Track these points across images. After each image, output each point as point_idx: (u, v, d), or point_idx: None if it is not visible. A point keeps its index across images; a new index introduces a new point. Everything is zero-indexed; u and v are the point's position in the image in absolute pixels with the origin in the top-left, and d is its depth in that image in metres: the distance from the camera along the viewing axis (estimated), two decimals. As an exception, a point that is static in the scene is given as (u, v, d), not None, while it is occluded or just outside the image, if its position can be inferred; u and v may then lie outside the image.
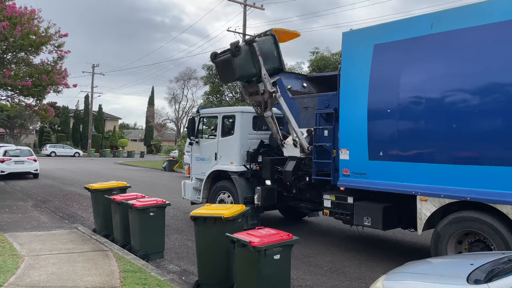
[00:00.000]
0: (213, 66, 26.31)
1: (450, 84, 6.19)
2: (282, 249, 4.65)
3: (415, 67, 6.56)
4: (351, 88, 7.39)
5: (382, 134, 6.92)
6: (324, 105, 8.26)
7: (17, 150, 22.25)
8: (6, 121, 53.22)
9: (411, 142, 6.54)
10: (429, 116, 6.33)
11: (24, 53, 14.62)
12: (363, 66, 7.11)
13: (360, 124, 7.13)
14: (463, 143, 5.97)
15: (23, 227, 8.96)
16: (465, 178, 5.90)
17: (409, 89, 6.60)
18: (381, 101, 6.92)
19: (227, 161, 9.61)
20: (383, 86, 6.90)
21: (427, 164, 6.32)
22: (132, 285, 5.35)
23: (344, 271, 6.76)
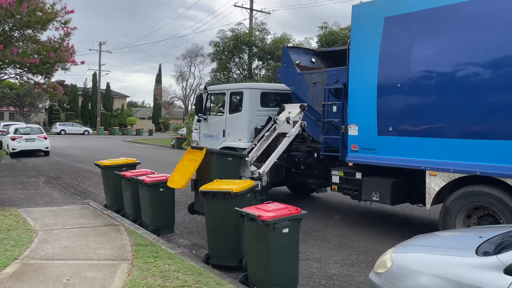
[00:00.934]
0: (219, 43, 26.09)
1: (461, 57, 6.10)
2: (291, 223, 4.69)
3: (426, 40, 6.43)
4: (361, 62, 7.30)
5: (392, 109, 6.88)
6: (333, 81, 8.17)
7: (27, 128, 22.50)
8: (15, 99, 53.68)
9: (421, 117, 6.50)
10: (439, 90, 6.26)
11: (31, 30, 14.57)
12: (373, 40, 7.00)
13: (370, 99, 7.07)
14: (473, 117, 5.92)
15: (35, 202, 9.14)
16: (475, 152, 5.87)
17: (420, 63, 6.50)
18: (391, 76, 6.84)
19: (235, 138, 9.62)
20: (394, 60, 6.82)
21: (437, 139, 6.30)
22: (144, 258, 5.46)
23: (352, 245, 6.82)
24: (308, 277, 5.42)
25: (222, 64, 26.34)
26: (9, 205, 8.62)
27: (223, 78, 26.70)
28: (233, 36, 25.60)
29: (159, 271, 4.97)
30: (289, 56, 9.21)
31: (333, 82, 8.16)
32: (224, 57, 26.48)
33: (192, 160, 6.54)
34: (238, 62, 27.07)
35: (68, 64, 15.58)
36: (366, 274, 5.49)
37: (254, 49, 26.18)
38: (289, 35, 26.16)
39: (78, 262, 5.25)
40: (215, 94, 10.87)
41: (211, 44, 26.44)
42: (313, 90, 8.66)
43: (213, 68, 27.71)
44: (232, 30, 26.03)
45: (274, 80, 24.22)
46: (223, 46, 26.00)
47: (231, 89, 10.12)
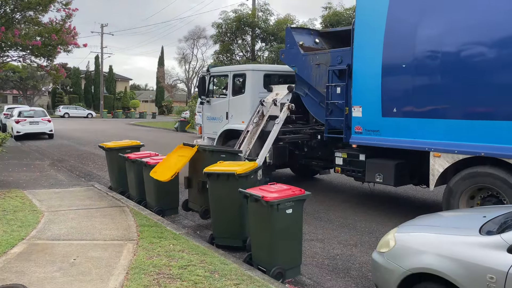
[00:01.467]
0: (222, 24, 25.79)
1: (467, 37, 6.01)
2: (294, 203, 4.71)
3: (432, 19, 6.36)
4: (365, 42, 7.20)
5: (396, 90, 6.82)
6: (337, 62, 8.06)
7: (31, 111, 22.53)
8: (19, 82, 53.54)
9: (426, 98, 6.44)
10: (444, 70, 6.18)
11: (33, 12, 14.43)
12: (378, 20, 6.90)
13: (374, 80, 7.00)
14: (478, 98, 5.87)
15: (41, 184, 9.21)
16: (480, 133, 5.84)
17: (425, 42, 6.41)
18: (396, 56, 6.76)
19: (238, 120, 9.55)
20: (399, 40, 6.72)
21: (441, 120, 6.27)
22: (149, 238, 5.52)
23: (355, 225, 6.87)
24: (312, 257, 5.47)
25: (225, 46, 26.11)
26: (15, 187, 8.70)
27: (226, 60, 26.50)
28: (235, 17, 25.29)
29: (164, 251, 5.02)
30: (292, 37, 9.09)
31: (337, 63, 8.06)
32: (227, 38, 26.23)
33: (182, 156, 6.43)
34: (241, 44, 26.83)
35: (70, 47, 15.49)
36: (369, 254, 5.54)
37: (257, 31, 25.90)
38: (292, 16, 25.88)
39: (84, 243, 5.32)
40: (217, 76, 10.76)
41: (214, 26, 26.17)
42: (317, 71, 8.54)
43: (215, 50, 27.51)
44: (235, 11, 25.71)
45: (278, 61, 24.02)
46: (226, 28, 25.73)
47: (234, 71, 10.03)
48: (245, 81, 9.56)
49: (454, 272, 3.08)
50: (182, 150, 6.58)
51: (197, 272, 4.38)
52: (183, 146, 6.68)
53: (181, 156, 6.41)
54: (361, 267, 5.17)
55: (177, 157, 6.46)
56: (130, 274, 4.30)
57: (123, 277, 4.24)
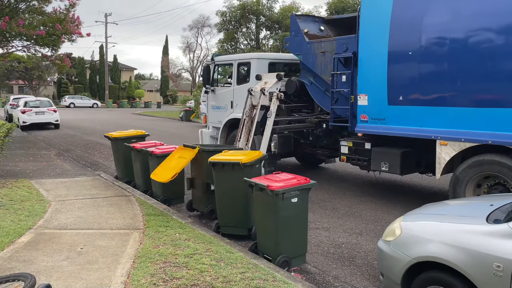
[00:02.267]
0: (226, 12, 25.62)
1: (475, 23, 5.92)
2: (300, 192, 4.71)
3: (439, 5, 6.28)
4: (371, 29, 7.11)
5: (403, 78, 6.76)
6: (343, 49, 7.96)
7: (36, 101, 22.62)
8: (24, 73, 53.75)
9: (432, 86, 6.37)
10: (451, 58, 6.12)
11: (37, 2, 14.37)
12: (384, 6, 6.82)
13: (380, 68, 6.93)
14: (486, 85, 5.81)
15: (48, 174, 9.28)
16: (487, 121, 5.79)
17: (432, 29, 6.35)
18: (402, 43, 6.70)
19: (243, 109, 9.44)
20: (405, 27, 6.65)
21: (448, 108, 6.22)
22: (155, 227, 5.55)
23: (361, 214, 6.86)
24: (317, 246, 5.48)
25: (229, 34, 25.98)
26: (22, 177, 8.77)
27: (230, 48, 26.38)
28: (240, 5, 25.11)
29: (170, 240, 5.06)
30: (297, 25, 8.97)
31: (343, 51, 7.96)
32: (231, 27, 26.10)
33: (181, 158, 6.34)
34: (245, 32, 26.70)
35: (74, 36, 15.44)
36: (374, 243, 5.55)
37: (261, 19, 25.72)
38: (297, 3, 25.64)
39: (91, 232, 5.36)
40: (222, 65, 10.63)
41: (218, 14, 26.02)
42: (322, 59, 8.44)
43: (220, 38, 27.42)
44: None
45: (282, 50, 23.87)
46: (230, 16, 25.58)
47: (239, 59, 9.96)
48: (249, 69, 9.47)
49: (461, 261, 3.07)
50: (182, 152, 6.45)
51: (203, 261, 4.41)
52: (184, 147, 6.52)
53: (182, 158, 6.31)
54: (366, 256, 5.17)
55: (177, 159, 6.37)
56: (136, 263, 4.33)
57: (130, 265, 4.27)
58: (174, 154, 6.50)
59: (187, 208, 6.86)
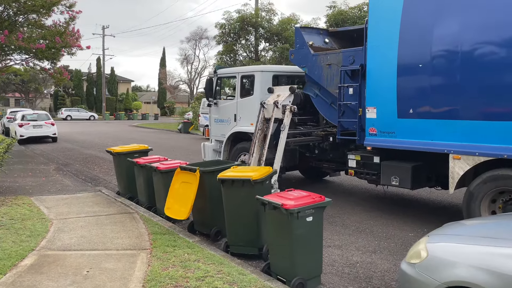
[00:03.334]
0: (225, 25, 25.62)
1: (488, 34, 5.78)
2: (315, 211, 4.54)
3: (450, 17, 6.14)
4: (379, 42, 6.99)
5: (413, 91, 6.61)
6: (349, 62, 7.83)
7: (34, 114, 22.41)
8: (20, 85, 53.57)
9: (444, 98, 6.22)
10: (464, 69, 5.97)
11: (36, 15, 14.27)
12: (393, 18, 6.70)
13: (389, 81, 6.81)
14: (501, 98, 5.65)
15: (47, 190, 9.06)
16: (502, 135, 5.62)
17: (444, 41, 6.21)
18: (412, 55, 6.56)
19: (247, 122, 9.33)
20: (415, 38, 6.52)
21: (461, 121, 6.05)
22: (162, 247, 5.35)
23: (372, 230, 6.68)
24: (331, 265, 5.29)
25: (228, 46, 25.93)
26: (22, 194, 8.55)
27: (229, 60, 26.32)
28: (239, 17, 25.12)
29: (179, 261, 4.86)
30: (302, 37, 8.84)
31: (349, 63, 7.83)
32: (230, 39, 26.05)
33: (186, 183, 6.01)
34: (244, 44, 26.65)
35: (74, 49, 15.32)
36: (390, 261, 5.38)
37: (260, 31, 25.72)
38: (297, 16, 25.65)
39: (96, 253, 5.15)
40: (225, 78, 10.46)
41: (217, 26, 26.00)
42: (328, 71, 8.31)
43: (219, 50, 27.32)
44: (238, 11, 25.53)
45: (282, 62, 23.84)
46: (229, 28, 25.56)
47: (242, 72, 9.81)
48: (253, 82, 9.33)
49: (493, 287, 2.90)
50: (184, 176, 6.10)
51: (215, 284, 4.21)
52: (182, 170, 6.14)
53: (186, 183, 6.00)
54: (383, 276, 4.99)
55: (181, 184, 6.09)
56: (146, 287, 4.13)
57: (139, 290, 4.07)
58: (176, 179, 6.19)
59: (188, 230, 6.41)
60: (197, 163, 6.59)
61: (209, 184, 5.94)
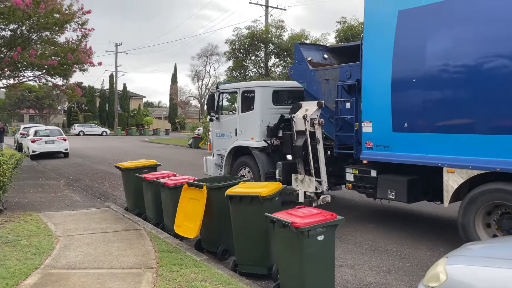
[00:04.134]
0: (235, 41, 25.81)
1: (478, 50, 5.76)
2: (326, 229, 4.36)
3: (442, 34, 6.16)
4: (374, 57, 7.06)
5: (407, 105, 6.63)
6: (346, 77, 7.91)
7: (47, 130, 22.65)
8: (35, 102, 54.49)
9: (438, 112, 6.21)
10: (456, 85, 5.99)
11: (49, 33, 14.49)
12: (387, 34, 6.74)
13: (384, 95, 6.82)
14: (493, 112, 5.61)
15: (56, 206, 9.01)
16: (495, 148, 5.58)
17: (436, 57, 6.22)
18: (406, 70, 6.60)
19: (247, 137, 9.43)
20: (408, 54, 6.56)
21: (455, 134, 6.04)
22: (168, 266, 5.21)
23: (386, 249, 6.45)
24: (344, 286, 5.08)
25: (238, 62, 26.06)
26: (30, 210, 8.50)
27: (239, 76, 26.41)
28: (249, 33, 25.29)
29: (186, 281, 4.70)
30: (301, 53, 8.99)
31: (346, 78, 7.90)
32: (240, 55, 26.19)
33: (194, 200, 5.90)
34: (254, 60, 26.74)
35: (86, 65, 15.48)
36: (405, 283, 5.15)
37: (270, 47, 25.81)
38: (306, 32, 25.71)
39: (101, 271, 5.02)
40: (227, 93, 10.63)
41: (227, 42, 26.19)
42: (326, 86, 8.41)
43: (229, 66, 27.46)
44: (248, 27, 25.72)
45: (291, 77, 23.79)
46: (239, 44, 25.72)
47: (243, 87, 9.94)
48: (254, 97, 9.42)
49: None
50: (191, 192, 5.99)
51: (222, 306, 4.04)
52: (189, 187, 6.04)
53: (194, 200, 5.90)
54: (398, 298, 4.76)
55: (190, 201, 5.97)
56: (150, 309, 3.97)
57: (144, 312, 3.92)
58: (184, 195, 6.09)
59: (195, 248, 6.23)
60: (204, 179, 6.47)
61: (217, 201, 5.81)
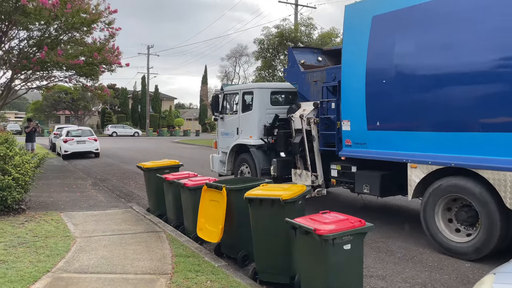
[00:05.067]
0: (264, 40, 25.50)
1: (436, 57, 6.13)
2: (353, 237, 3.92)
3: (406, 38, 6.57)
4: (352, 60, 7.47)
5: (378, 105, 7.02)
6: (331, 78, 8.32)
7: (79, 130, 23.08)
8: (70, 103, 56.22)
9: (402, 112, 6.63)
10: (419, 86, 6.35)
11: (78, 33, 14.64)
12: (362, 39, 7.16)
13: (359, 96, 7.23)
14: (447, 112, 5.98)
15: (79, 206, 8.93)
16: (450, 145, 5.96)
17: (402, 60, 6.63)
18: (377, 73, 7.01)
19: (247, 135, 10.03)
20: (379, 57, 6.97)
21: (417, 132, 6.45)
22: (184, 272, 4.90)
23: (421, 259, 5.89)
24: (373, 300, 4.60)
25: (266, 62, 25.73)
26: (53, 209, 8.44)
27: (268, 76, 26.07)
28: (278, 32, 24.92)
29: (200, 290, 4.37)
30: (293, 56, 9.50)
31: (331, 80, 8.29)
32: (269, 54, 25.85)
33: (214, 202, 5.62)
34: (283, 60, 26.32)
35: (113, 66, 15.55)
36: (444, 298, 4.60)
37: (300, 45, 25.33)
38: (336, 29, 25.07)
39: (112, 277, 4.76)
40: (230, 94, 11.10)
41: (256, 42, 25.95)
42: (315, 88, 8.85)
43: (257, 66, 27.19)
44: (277, 26, 25.36)
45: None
46: (268, 44, 25.40)
47: (243, 89, 10.56)
48: (252, 98, 10.02)
49: None
50: (211, 194, 5.71)
51: (237, 320, 3.67)
52: (209, 188, 5.76)
53: (215, 202, 5.62)
54: (436, 315, 4.24)
55: (210, 203, 5.70)
56: (159, 321, 3.66)
57: (151, 324, 3.60)
58: (204, 197, 5.82)
59: (215, 253, 5.89)
60: (224, 180, 6.16)
61: (236, 203, 5.46)
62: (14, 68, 14.58)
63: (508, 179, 5.23)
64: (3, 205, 7.67)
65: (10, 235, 6.33)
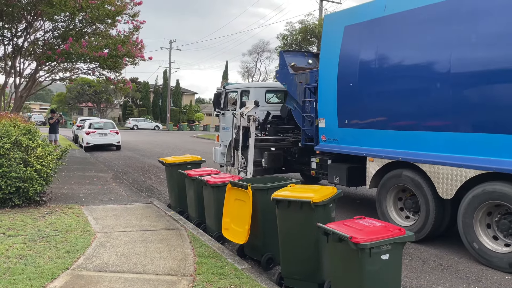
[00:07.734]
0: (287, 36, 25.15)
1: (390, 64, 6.95)
2: (392, 247, 3.62)
3: (368, 46, 7.33)
4: (327, 64, 8.20)
5: (346, 105, 7.77)
6: (314, 80, 8.87)
7: (101, 123, 23.23)
8: (93, 96, 56.99)
9: (364, 112, 7.39)
10: (376, 90, 7.13)
11: (103, 26, 14.61)
12: (336, 45, 7.91)
13: (332, 96, 7.98)
14: (397, 113, 6.83)
15: (100, 199, 8.83)
16: (399, 142, 6.77)
17: (364, 66, 7.34)
18: (345, 76, 7.73)
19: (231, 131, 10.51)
20: (348, 63, 7.70)
21: (374, 130, 7.24)
22: (207, 274, 4.68)
23: (457, 269, 5.52)
24: (409, 313, 4.28)
25: (289, 57, 25.36)
26: (74, 202, 8.37)
27: (290, 72, 25.72)
28: (301, 28, 24.54)
29: (224, 295, 4.13)
30: (283, 59, 10.21)
31: (314, 81, 8.86)
32: (291, 50, 25.47)
33: (240, 201, 5.40)
34: (306, 56, 25.92)
35: (137, 59, 15.48)
36: (486, 314, 4.25)
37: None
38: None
39: (133, 277, 4.58)
40: (230, 92, 11.92)
41: (279, 37, 25.65)
42: (301, 88, 9.50)
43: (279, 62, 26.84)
44: (301, 21, 25.01)
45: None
46: (291, 39, 25.07)
47: (242, 88, 11.53)
48: (249, 96, 10.75)
49: None
50: (236, 192, 5.48)
51: (264, 331, 3.42)
52: (233, 187, 5.52)
53: (240, 201, 5.40)
54: (479, 334, 3.90)
55: (235, 202, 5.48)
56: (181, 328, 3.44)
57: (173, 331, 3.38)
58: (229, 196, 5.59)
59: (237, 254, 5.67)
60: (249, 179, 5.92)
61: (262, 204, 5.21)
62: (39, 59, 14.66)
63: (441, 172, 6.09)
64: (24, 197, 7.62)
65: (30, 228, 6.23)
